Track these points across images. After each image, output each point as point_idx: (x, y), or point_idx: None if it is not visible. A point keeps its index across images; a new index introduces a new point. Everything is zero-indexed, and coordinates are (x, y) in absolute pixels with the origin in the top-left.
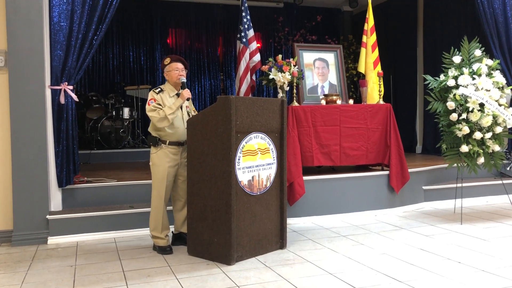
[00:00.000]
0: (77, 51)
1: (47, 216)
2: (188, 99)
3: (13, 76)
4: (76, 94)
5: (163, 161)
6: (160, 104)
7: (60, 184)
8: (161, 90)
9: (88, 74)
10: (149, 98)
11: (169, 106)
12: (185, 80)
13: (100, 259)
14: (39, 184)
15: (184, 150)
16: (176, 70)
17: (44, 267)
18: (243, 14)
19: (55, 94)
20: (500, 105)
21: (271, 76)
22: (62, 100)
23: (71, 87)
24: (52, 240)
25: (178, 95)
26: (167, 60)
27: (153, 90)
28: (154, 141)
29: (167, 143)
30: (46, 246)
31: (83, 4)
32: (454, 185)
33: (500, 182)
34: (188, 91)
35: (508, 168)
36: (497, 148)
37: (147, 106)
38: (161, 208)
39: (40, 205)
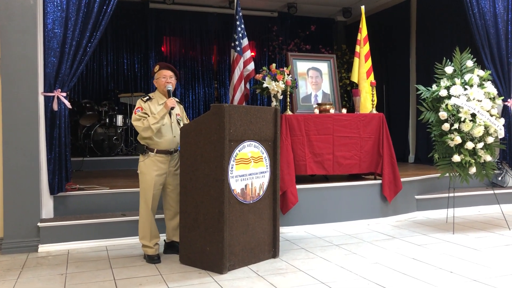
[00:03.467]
0: (71, 58)
1: (38, 224)
2: (172, 108)
3: (6, 83)
4: (69, 101)
5: (150, 170)
6: (146, 113)
7: (52, 191)
8: (149, 98)
9: (82, 81)
10: (136, 107)
11: (153, 115)
12: (170, 88)
13: (91, 267)
14: (31, 191)
15: (173, 158)
16: (164, 78)
17: (35, 276)
18: (238, 23)
19: (48, 101)
20: (491, 115)
21: (265, 85)
22: (55, 107)
23: (64, 94)
24: (43, 248)
25: None
26: (156, 67)
27: (141, 99)
28: (142, 149)
29: (155, 151)
30: (36, 254)
31: (78, 12)
32: (447, 195)
33: (491, 192)
34: (173, 100)
35: (499, 178)
36: (488, 158)
37: (133, 114)
38: (148, 217)
39: (31, 213)
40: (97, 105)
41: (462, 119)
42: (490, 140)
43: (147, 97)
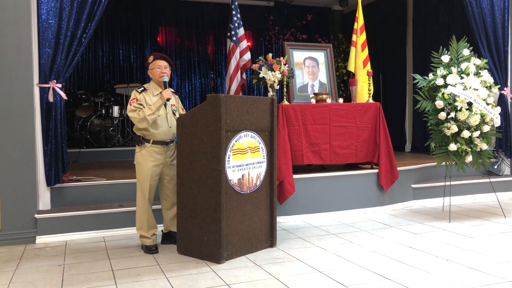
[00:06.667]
0: (66, 49)
1: (36, 215)
2: (168, 100)
3: (0, 74)
4: (65, 92)
5: (146, 160)
6: (141, 104)
7: (49, 183)
8: (144, 90)
9: (77, 72)
10: (131, 98)
11: (149, 107)
12: (166, 80)
13: (89, 258)
14: (27, 183)
15: (169, 149)
16: (159, 68)
17: (32, 267)
18: (234, 12)
19: (43, 92)
20: (487, 104)
21: (261, 75)
22: (51, 98)
23: (59, 85)
24: (41, 240)
25: None
26: (151, 58)
27: (135, 90)
28: (138, 140)
29: (151, 142)
30: (34, 245)
31: (72, 2)
32: (443, 183)
33: (487, 180)
34: (169, 91)
35: (495, 167)
36: (485, 146)
37: (128, 106)
38: (145, 207)
39: (28, 204)
40: (93, 96)
41: (458, 108)
42: (486, 128)
43: (142, 88)
